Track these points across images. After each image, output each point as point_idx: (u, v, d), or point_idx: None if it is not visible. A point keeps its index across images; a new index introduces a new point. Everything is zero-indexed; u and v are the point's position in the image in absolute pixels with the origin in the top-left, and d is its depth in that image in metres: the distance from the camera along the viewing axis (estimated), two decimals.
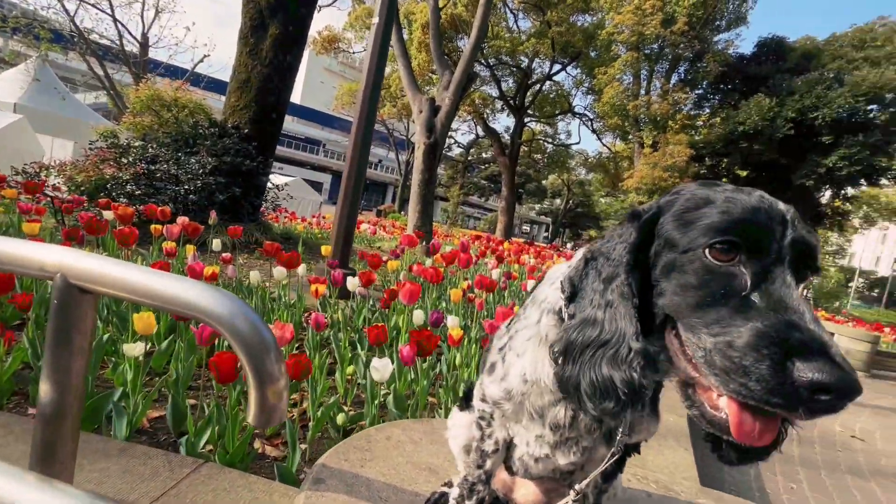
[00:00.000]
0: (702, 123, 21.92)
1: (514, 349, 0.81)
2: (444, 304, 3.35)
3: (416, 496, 1.20)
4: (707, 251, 0.55)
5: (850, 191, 22.61)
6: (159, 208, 3.49)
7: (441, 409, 2.25)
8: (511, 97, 24.80)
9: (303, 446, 1.71)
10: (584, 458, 0.82)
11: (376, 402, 1.94)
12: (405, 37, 17.13)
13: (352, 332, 2.94)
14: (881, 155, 18.47)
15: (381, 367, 1.63)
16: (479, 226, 45.46)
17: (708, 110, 22.67)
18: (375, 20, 3.99)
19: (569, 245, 41.24)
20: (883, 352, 8.44)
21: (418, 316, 2.55)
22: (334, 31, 23.48)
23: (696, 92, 22.29)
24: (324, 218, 10.52)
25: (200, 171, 4.80)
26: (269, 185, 6.04)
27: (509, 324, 0.89)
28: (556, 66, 23.82)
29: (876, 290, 40.73)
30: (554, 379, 0.72)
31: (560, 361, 0.65)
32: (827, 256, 39.72)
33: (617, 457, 0.74)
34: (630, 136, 23.07)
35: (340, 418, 1.86)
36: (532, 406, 0.78)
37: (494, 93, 25.04)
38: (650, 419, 0.78)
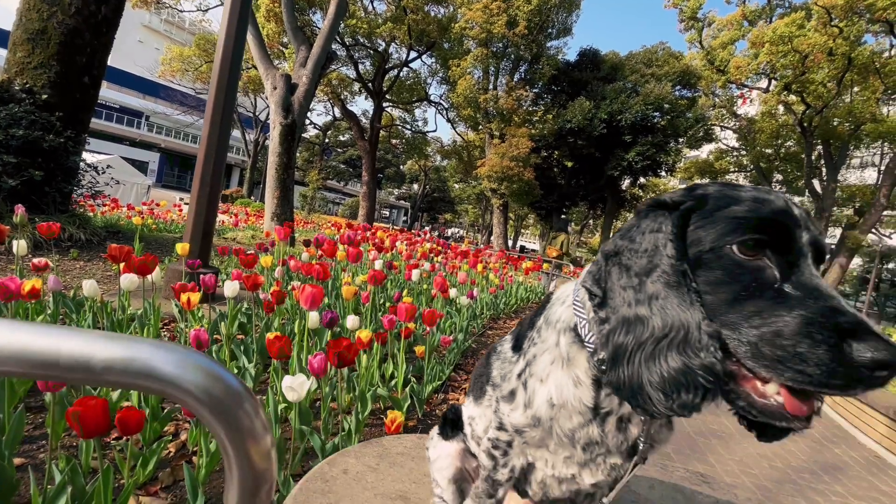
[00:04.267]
0: (537, 119, 24.76)
1: (536, 374, 0.78)
2: (335, 302, 3.16)
3: None
4: (735, 247, 0.56)
5: (642, 180, 28.36)
6: None
7: (348, 415, 2.16)
8: (369, 80, 24.22)
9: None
10: (611, 477, 0.79)
11: (275, 424, 1.78)
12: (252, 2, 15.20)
13: (230, 343, 2.59)
14: (662, 153, 23.53)
15: (298, 386, 1.48)
16: (339, 211, 43.75)
17: (542, 107, 25.69)
18: None
19: (427, 228, 42.76)
20: None
21: (313, 319, 2.38)
22: None
23: (534, 90, 24.98)
24: (157, 205, 8.83)
25: None
26: (83, 166, 4.81)
27: (516, 345, 0.86)
28: (413, 54, 24.05)
29: None
30: (581, 400, 0.73)
31: (609, 368, 0.61)
32: None
33: (637, 466, 0.75)
34: (481, 127, 24.80)
35: None
36: (561, 430, 0.76)
37: (352, 74, 24.12)
38: (667, 427, 0.78)
